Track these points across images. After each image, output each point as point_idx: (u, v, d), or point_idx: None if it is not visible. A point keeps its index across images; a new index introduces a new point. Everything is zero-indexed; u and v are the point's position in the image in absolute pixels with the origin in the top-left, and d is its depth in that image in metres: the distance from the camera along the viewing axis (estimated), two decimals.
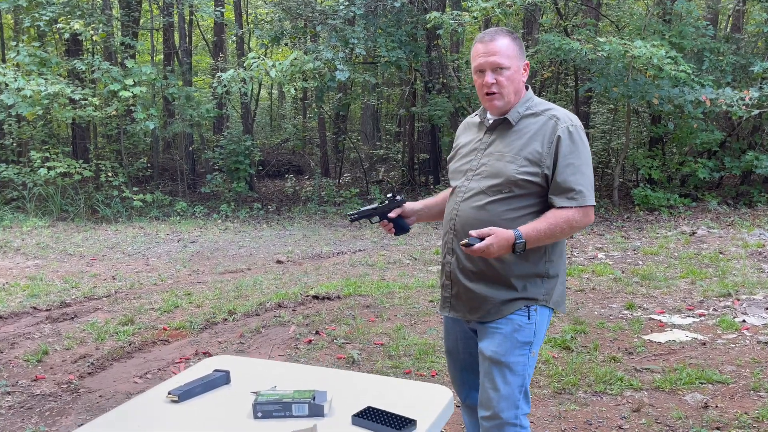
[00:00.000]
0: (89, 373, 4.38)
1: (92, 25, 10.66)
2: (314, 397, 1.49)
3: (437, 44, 11.35)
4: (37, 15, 10.80)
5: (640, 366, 4.31)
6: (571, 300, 5.81)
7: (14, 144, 12.82)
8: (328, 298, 5.96)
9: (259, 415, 1.48)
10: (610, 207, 10.46)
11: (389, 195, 2.57)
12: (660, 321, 5.23)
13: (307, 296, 5.99)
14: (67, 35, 10.73)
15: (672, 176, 11.34)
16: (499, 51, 2.26)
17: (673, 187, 10.91)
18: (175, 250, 8.61)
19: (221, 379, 1.50)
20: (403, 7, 9.55)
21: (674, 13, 10.42)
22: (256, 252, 8.39)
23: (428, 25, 9.25)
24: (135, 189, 11.55)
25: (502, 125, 2.35)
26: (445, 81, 11.56)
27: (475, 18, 8.40)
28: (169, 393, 1.53)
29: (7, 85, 10.21)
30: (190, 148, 13.52)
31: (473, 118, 2.53)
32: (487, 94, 2.30)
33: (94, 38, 10.66)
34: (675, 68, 8.44)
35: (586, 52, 8.32)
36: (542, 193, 2.27)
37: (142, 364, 4.55)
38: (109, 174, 11.41)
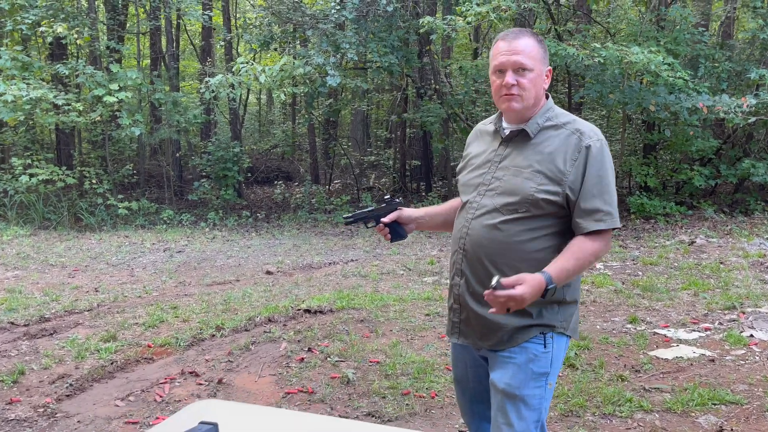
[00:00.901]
0: (67, 396, 4.12)
1: (76, 29, 10.38)
2: None
3: (429, 50, 11.17)
4: (19, 18, 10.52)
5: (649, 385, 4.12)
6: None
7: None
8: (321, 312, 5.74)
9: None
10: None
11: (386, 197, 2.39)
12: (665, 336, 5.06)
13: (299, 310, 5.75)
14: (50, 39, 10.43)
15: (666, 183, 11.21)
16: (524, 50, 2.06)
17: (668, 195, 10.77)
18: (161, 260, 8.35)
19: None
20: (395, 11, 9.37)
21: (668, 19, 10.31)
22: (244, 262, 8.14)
23: (421, 30, 9.07)
24: (120, 197, 11.27)
25: (519, 137, 2.14)
26: (437, 87, 11.38)
27: (469, 23, 8.23)
28: None
29: None
30: (177, 155, 13.24)
31: (487, 126, 2.32)
32: (506, 95, 2.09)
33: (78, 42, 10.39)
34: (672, 75, 8.31)
35: (582, 58, 8.17)
36: (561, 213, 2.08)
37: (125, 384, 4.30)
38: (93, 181, 11.10)
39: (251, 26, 11.54)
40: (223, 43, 13.30)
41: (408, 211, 2.41)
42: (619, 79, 9.33)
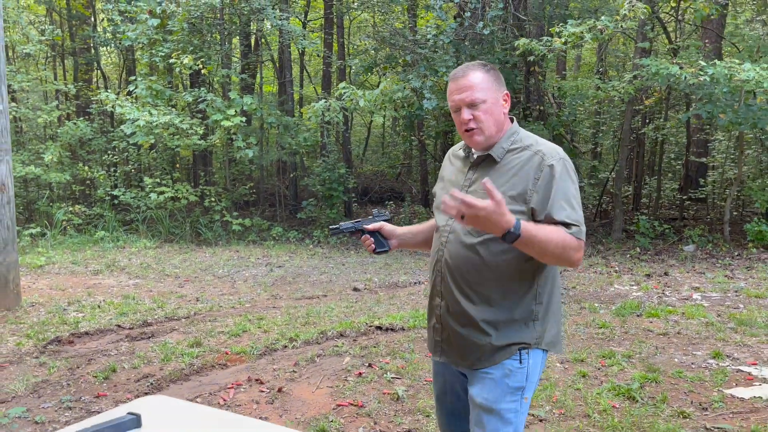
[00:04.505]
0: (145, 393, 4.55)
1: (201, 59, 11.35)
2: None
3: (533, 70, 11.06)
4: (154, 51, 11.68)
5: (713, 425, 3.87)
6: (651, 345, 5.36)
7: (133, 170, 13.86)
8: (392, 330, 5.88)
9: None
10: (720, 242, 9.61)
11: (374, 210, 2.52)
12: (749, 374, 4.70)
13: (371, 326, 5.94)
14: (178, 69, 11.48)
15: None
16: (473, 85, 2.16)
17: None
18: (262, 274, 8.87)
19: (130, 422, 1.48)
20: (492, 34, 9.40)
21: None
22: (336, 278, 8.47)
23: (517, 53, 9.04)
24: (235, 214, 12.08)
25: (486, 161, 2.23)
26: (542, 108, 11.22)
27: (565, 44, 8.09)
28: None
29: (123, 115, 11.10)
30: (292, 175, 13.98)
31: (458, 151, 2.41)
32: (467, 130, 2.19)
33: (202, 72, 11.35)
34: None
35: (686, 77, 7.75)
36: None
37: (197, 387, 4.68)
38: (213, 199, 12.01)
39: (360, 53, 12.00)
40: (333, 70, 13.92)
41: (391, 227, 2.51)
42: (737, 98, 8.73)
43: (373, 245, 2.46)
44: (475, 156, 2.26)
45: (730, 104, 8.53)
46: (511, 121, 2.26)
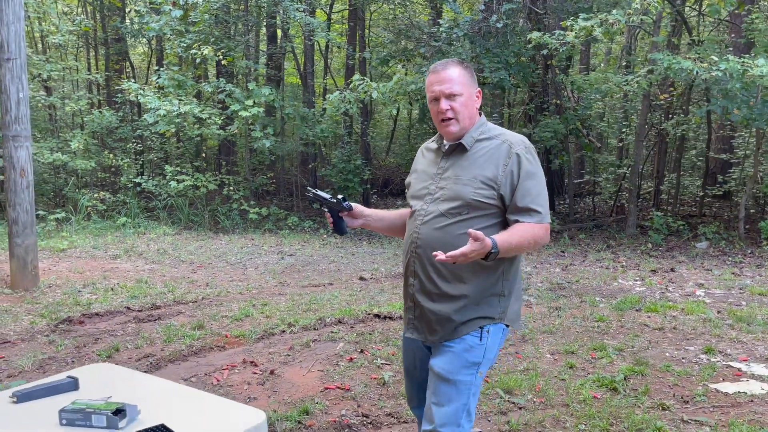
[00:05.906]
0: (144, 372, 4.74)
1: (221, 51, 11.56)
2: (119, 410, 1.57)
3: (551, 64, 11.01)
4: (176, 43, 11.93)
5: (690, 417, 3.90)
6: (645, 339, 5.38)
7: (156, 159, 14.19)
8: (390, 318, 5.99)
9: (64, 422, 1.60)
10: (735, 240, 9.49)
11: (340, 196, 2.64)
12: (738, 369, 4.70)
13: (369, 314, 6.06)
14: (198, 60, 11.71)
15: None
16: (452, 79, 2.35)
17: None
18: (273, 261, 9.06)
19: (68, 385, 1.62)
20: (506, 27, 9.40)
21: None
22: (344, 267, 8.61)
23: (530, 45, 9.04)
24: (253, 203, 12.30)
25: (457, 150, 2.41)
26: (558, 102, 11.17)
27: (577, 38, 8.06)
28: (13, 394, 1.68)
29: (146, 104, 11.37)
30: (310, 166, 14.15)
31: (431, 144, 2.59)
32: (443, 120, 2.38)
33: (222, 63, 11.56)
34: None
35: (697, 72, 7.67)
36: (499, 213, 2.33)
37: (194, 367, 4.85)
38: (231, 188, 12.24)
39: (377, 45, 12.08)
40: (352, 62, 14.02)
41: (360, 208, 2.68)
42: (754, 94, 8.61)
43: (333, 225, 2.65)
44: (446, 146, 2.44)
45: (746, 100, 8.41)
46: (480, 114, 2.46)
